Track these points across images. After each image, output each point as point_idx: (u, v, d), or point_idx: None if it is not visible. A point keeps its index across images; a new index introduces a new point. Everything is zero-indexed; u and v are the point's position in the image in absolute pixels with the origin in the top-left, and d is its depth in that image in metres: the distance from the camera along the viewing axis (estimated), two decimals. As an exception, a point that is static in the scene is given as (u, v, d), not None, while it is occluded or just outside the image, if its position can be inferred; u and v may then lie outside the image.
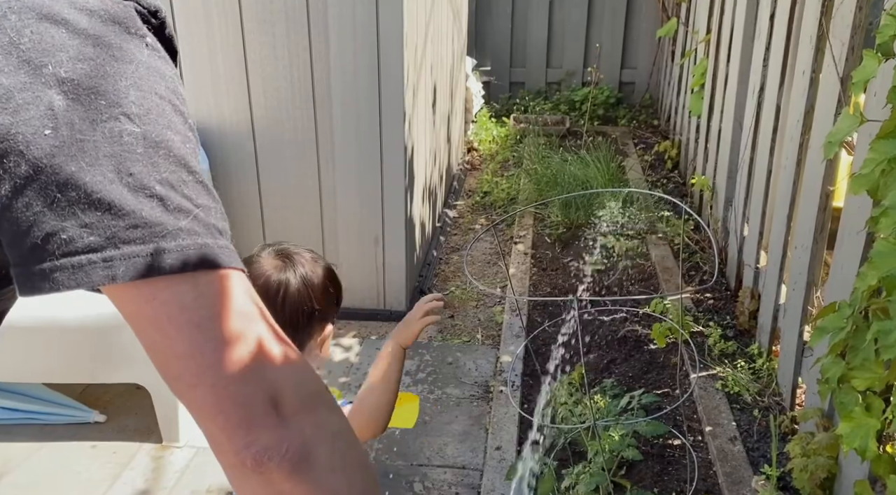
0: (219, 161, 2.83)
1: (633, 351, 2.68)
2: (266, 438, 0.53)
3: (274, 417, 0.54)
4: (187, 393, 0.54)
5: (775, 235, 2.41)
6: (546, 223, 3.78)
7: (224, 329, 0.54)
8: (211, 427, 0.55)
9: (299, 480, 0.54)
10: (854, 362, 1.55)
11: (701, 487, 2.04)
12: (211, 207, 0.57)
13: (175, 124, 0.56)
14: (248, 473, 0.53)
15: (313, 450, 0.55)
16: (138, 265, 0.52)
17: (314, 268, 1.23)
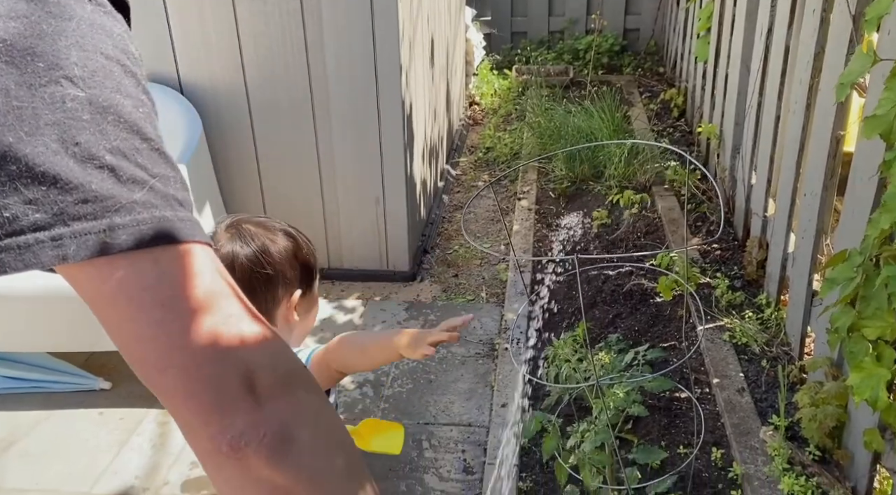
0: (213, 123, 2.77)
1: (639, 304, 2.65)
2: (242, 422, 0.50)
3: (249, 400, 0.51)
4: (155, 377, 0.51)
5: (784, 183, 2.35)
6: (550, 178, 3.71)
7: (190, 307, 0.50)
8: (182, 412, 0.51)
9: (279, 465, 0.51)
10: (865, 311, 1.51)
11: (709, 439, 2.03)
12: (169, 177, 0.53)
13: (125, 87, 0.51)
14: (223, 459, 0.50)
15: (292, 433, 0.52)
16: (90, 243, 0.48)
17: (269, 235, 1.20)
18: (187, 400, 0.50)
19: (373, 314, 2.78)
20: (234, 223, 1.21)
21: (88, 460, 2.08)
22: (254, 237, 1.17)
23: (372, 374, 2.45)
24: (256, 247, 1.16)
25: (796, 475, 1.81)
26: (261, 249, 1.16)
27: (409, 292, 2.93)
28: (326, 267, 3.04)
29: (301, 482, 0.52)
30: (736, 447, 1.95)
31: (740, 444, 1.95)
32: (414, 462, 2.06)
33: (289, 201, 2.93)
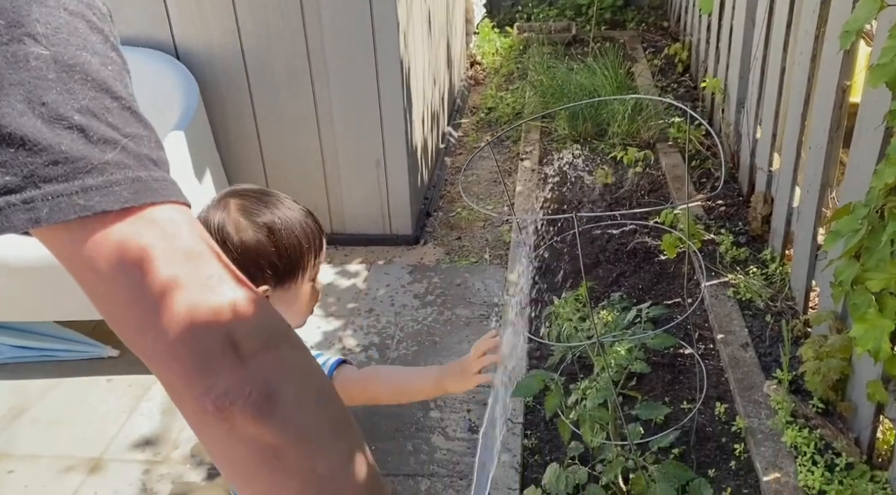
0: (210, 89, 2.74)
1: (642, 262, 2.64)
2: (226, 381, 0.50)
3: (232, 358, 0.50)
4: (136, 339, 0.51)
5: (789, 136, 2.32)
6: (553, 137, 3.67)
7: (169, 268, 0.49)
8: (166, 374, 0.51)
9: (265, 422, 0.50)
10: (868, 263, 1.50)
11: (713, 394, 2.04)
12: (142, 136, 0.52)
13: (92, 44, 0.50)
14: (209, 419, 0.50)
15: (278, 390, 0.51)
16: (63, 205, 0.47)
17: (244, 224, 1.08)
18: (170, 362, 0.50)
19: (376, 278, 2.78)
20: (222, 201, 1.12)
21: (99, 426, 2.11)
22: (223, 225, 1.09)
23: (377, 337, 2.47)
24: (217, 238, 1.08)
25: (799, 428, 1.82)
26: (220, 239, 1.07)
27: (412, 255, 2.93)
28: (329, 232, 3.03)
29: (289, 438, 0.51)
30: (739, 401, 1.96)
31: (744, 399, 1.96)
32: (420, 422, 2.08)
33: (289, 166, 2.91)
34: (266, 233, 1.09)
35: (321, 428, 0.54)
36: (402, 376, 1.24)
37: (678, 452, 1.83)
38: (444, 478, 1.90)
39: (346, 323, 2.55)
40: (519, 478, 1.83)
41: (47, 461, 2.00)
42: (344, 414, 0.57)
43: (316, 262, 1.17)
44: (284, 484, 0.52)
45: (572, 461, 1.71)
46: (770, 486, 1.71)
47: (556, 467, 1.62)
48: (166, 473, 1.96)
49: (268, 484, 0.52)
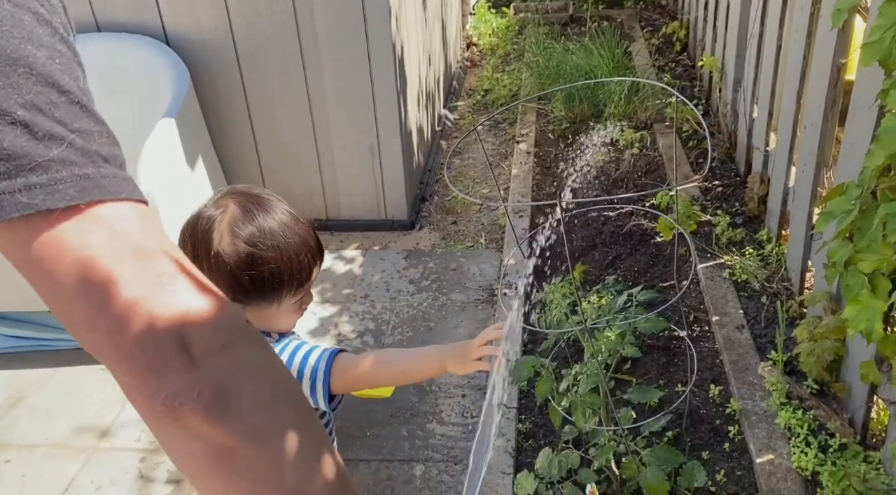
0: (201, 75, 2.72)
1: (638, 245, 2.63)
2: (177, 382, 0.49)
3: (183, 359, 0.49)
4: (86, 338, 0.50)
5: (784, 114, 2.29)
6: (549, 119, 3.64)
7: (117, 266, 0.48)
8: (117, 373, 0.50)
9: (217, 423, 0.50)
10: (861, 244, 1.49)
11: (707, 376, 2.04)
12: (92, 131, 0.50)
13: (38, 36, 0.48)
14: (161, 420, 0.50)
15: (232, 390, 0.50)
16: (5, 204, 0.46)
17: (223, 234, 1.05)
18: (119, 361, 0.49)
19: (372, 264, 2.78)
20: (223, 201, 1.09)
21: (95, 414, 2.12)
22: (210, 227, 1.07)
23: (372, 323, 2.46)
24: (190, 244, 1.08)
25: (793, 409, 1.82)
26: (204, 240, 1.06)
27: (407, 240, 2.92)
28: (325, 218, 3.02)
29: (244, 439, 0.50)
30: (734, 383, 1.95)
31: (738, 380, 1.96)
32: (415, 407, 2.08)
33: (283, 153, 2.90)
34: (246, 258, 1.06)
35: (279, 428, 0.53)
36: (404, 359, 1.23)
37: (672, 435, 1.83)
38: (438, 463, 1.91)
39: (342, 309, 2.55)
40: (513, 463, 1.83)
41: (44, 450, 2.02)
42: (306, 413, 0.56)
43: (300, 290, 1.13)
44: (239, 484, 0.51)
45: (566, 445, 1.71)
46: (764, 468, 1.71)
47: (549, 452, 1.62)
48: (162, 461, 1.96)
49: (222, 484, 0.52)
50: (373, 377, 1.18)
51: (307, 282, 1.13)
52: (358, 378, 1.15)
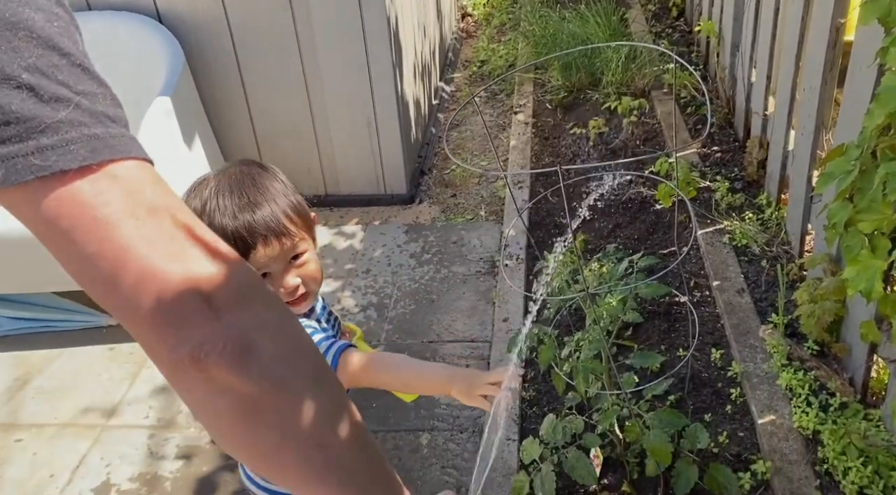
0: (195, 53, 2.69)
1: (638, 212, 2.63)
2: (201, 334, 0.50)
3: (206, 312, 0.50)
4: (108, 297, 0.51)
5: (783, 77, 2.28)
6: (546, 89, 3.62)
7: (134, 224, 0.49)
8: (138, 330, 0.51)
9: (241, 375, 0.50)
10: (861, 204, 1.49)
11: (709, 340, 2.05)
12: (96, 93, 0.51)
13: (34, 0, 0.49)
14: (185, 372, 0.50)
15: (254, 343, 0.51)
16: (19, 167, 0.46)
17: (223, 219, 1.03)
18: (142, 319, 0.50)
19: (372, 238, 2.78)
20: (228, 170, 1.09)
21: (102, 394, 2.14)
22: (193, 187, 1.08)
23: (375, 297, 2.47)
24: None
25: (794, 370, 1.84)
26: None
27: (408, 215, 2.92)
28: (324, 193, 3.02)
29: (266, 390, 0.51)
30: (735, 346, 1.97)
31: (740, 344, 1.97)
32: (419, 378, 2.10)
33: (280, 129, 2.88)
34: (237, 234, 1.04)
35: (301, 381, 0.54)
36: (412, 370, 1.20)
37: (674, 399, 1.85)
38: (444, 432, 1.93)
39: (344, 284, 2.56)
40: (518, 430, 1.85)
41: (53, 429, 2.04)
42: (324, 369, 0.57)
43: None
44: (264, 435, 0.52)
45: (569, 411, 1.73)
46: (765, 428, 1.73)
47: (553, 418, 1.64)
48: (171, 437, 1.99)
49: (248, 434, 0.53)
50: (378, 379, 1.17)
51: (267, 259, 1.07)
52: (362, 376, 1.13)
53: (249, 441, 0.53)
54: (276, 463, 0.54)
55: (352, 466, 0.56)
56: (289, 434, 0.53)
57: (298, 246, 1.10)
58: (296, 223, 1.09)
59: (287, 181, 1.13)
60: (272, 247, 1.06)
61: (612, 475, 1.71)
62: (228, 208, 1.04)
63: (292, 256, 1.10)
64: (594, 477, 1.52)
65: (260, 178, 1.08)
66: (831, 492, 1.57)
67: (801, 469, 1.62)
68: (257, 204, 1.05)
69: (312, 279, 1.13)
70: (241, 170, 1.09)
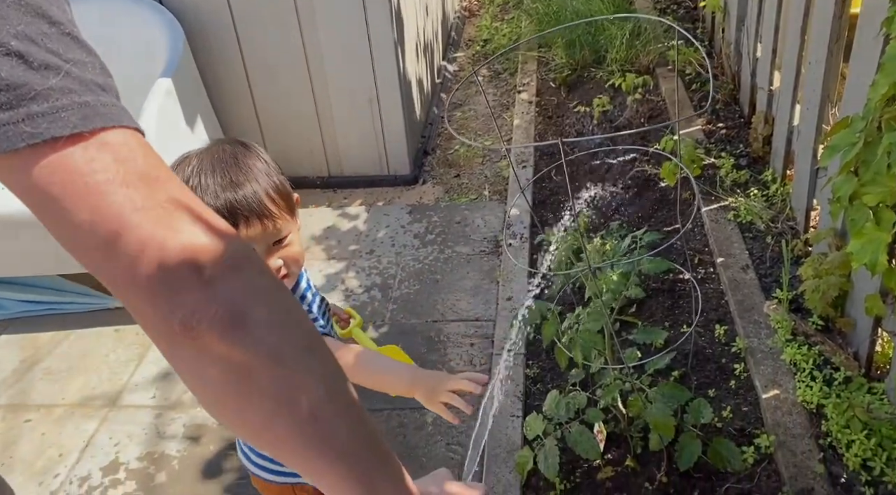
0: (196, 34, 2.68)
1: (642, 190, 2.62)
2: (192, 301, 0.49)
3: (197, 279, 0.50)
4: (98, 264, 0.50)
5: (788, 51, 2.25)
6: (550, 67, 3.59)
7: (126, 191, 0.49)
8: (130, 297, 0.51)
9: (234, 342, 0.50)
10: (865, 177, 1.47)
11: (713, 317, 2.05)
12: (86, 62, 0.50)
13: None
14: (177, 339, 0.50)
15: (247, 310, 0.51)
16: (10, 134, 0.46)
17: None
18: (133, 285, 0.50)
19: (376, 219, 2.78)
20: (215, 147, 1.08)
21: (109, 375, 2.16)
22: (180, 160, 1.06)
23: (379, 278, 2.48)
24: None
25: (799, 345, 1.83)
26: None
27: (411, 195, 2.92)
28: (327, 175, 3.02)
29: (259, 357, 0.51)
30: (739, 322, 1.96)
31: (744, 319, 1.97)
32: (423, 357, 2.11)
33: (282, 111, 2.87)
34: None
35: (294, 349, 0.54)
36: (378, 369, 1.18)
37: (678, 374, 1.85)
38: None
39: (348, 265, 2.56)
40: (521, 406, 1.86)
41: (62, 409, 2.06)
42: (317, 338, 0.57)
43: None
44: (258, 404, 0.52)
45: (573, 387, 1.74)
46: (769, 403, 1.73)
47: (556, 394, 1.64)
48: (177, 416, 2.01)
49: (241, 404, 0.52)
50: (349, 372, 1.17)
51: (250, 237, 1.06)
52: None
53: (242, 410, 0.53)
54: (269, 434, 0.54)
55: (347, 439, 0.56)
56: (282, 404, 0.52)
57: (281, 229, 1.08)
58: (278, 204, 1.06)
59: (270, 161, 1.10)
60: (254, 228, 1.04)
61: (616, 450, 1.72)
62: (210, 187, 1.02)
63: (275, 240, 1.08)
64: (597, 451, 1.52)
65: (243, 158, 1.06)
66: (835, 465, 1.57)
67: (804, 442, 1.63)
68: (239, 184, 1.03)
69: (294, 261, 1.11)
70: (224, 149, 1.07)
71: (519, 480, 1.68)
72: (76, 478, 1.85)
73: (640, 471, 1.65)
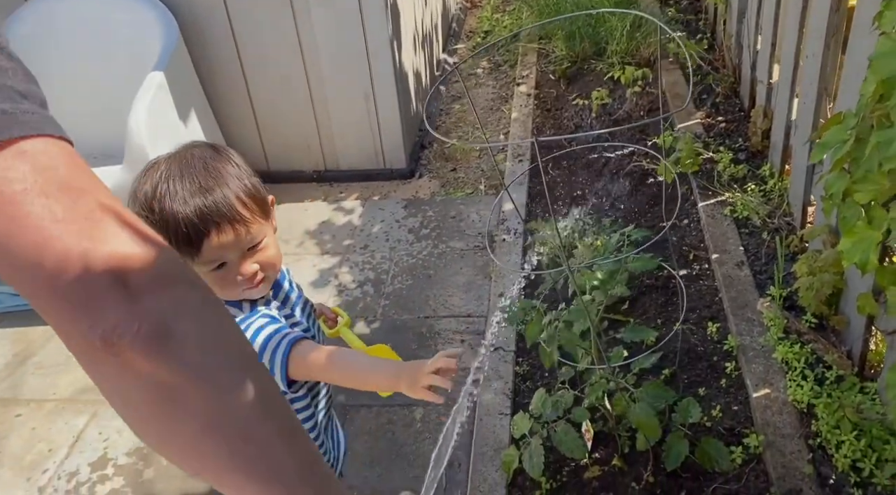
0: (191, 29, 2.66)
1: (639, 185, 2.59)
2: (115, 316, 0.47)
3: (121, 293, 0.48)
4: (16, 277, 0.48)
5: (787, 43, 2.21)
6: (550, 59, 3.56)
7: (46, 201, 0.47)
8: (50, 312, 0.49)
9: (159, 359, 0.48)
10: (856, 174, 1.45)
11: (706, 314, 2.03)
12: (6, 68, 0.49)
13: None
14: (99, 357, 0.48)
15: (172, 326, 0.49)
16: None
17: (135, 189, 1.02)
18: (53, 299, 0.48)
19: (371, 214, 2.77)
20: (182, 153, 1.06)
21: (101, 370, 2.16)
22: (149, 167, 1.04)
23: (372, 273, 2.47)
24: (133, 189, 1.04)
25: (791, 343, 1.81)
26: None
27: (407, 189, 2.90)
28: (323, 169, 3.00)
29: (185, 376, 0.49)
30: (732, 320, 1.94)
31: (737, 317, 1.94)
32: (414, 353, 2.10)
33: (278, 105, 2.86)
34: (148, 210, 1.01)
35: (224, 368, 0.51)
36: (359, 368, 1.16)
37: (668, 373, 1.83)
38: (438, 407, 1.93)
39: (342, 260, 2.55)
40: (510, 404, 1.85)
41: (52, 404, 2.07)
42: (251, 357, 0.55)
43: (195, 261, 1.02)
44: (185, 425, 0.50)
45: (562, 385, 1.72)
46: (759, 402, 1.71)
47: (543, 392, 1.63)
48: (168, 412, 2.01)
49: (166, 425, 0.50)
50: (326, 374, 1.13)
51: (197, 257, 1.02)
52: (313, 371, 1.09)
53: (167, 431, 0.51)
54: (195, 455, 0.52)
55: (283, 461, 0.53)
56: (210, 424, 0.50)
57: (256, 235, 1.05)
58: (250, 209, 1.03)
59: (242, 164, 1.07)
60: (226, 235, 1.01)
61: (604, 449, 1.70)
62: (179, 193, 0.99)
63: (250, 246, 1.05)
64: (582, 450, 1.51)
65: (213, 162, 1.03)
66: (824, 466, 1.55)
67: (794, 442, 1.60)
68: (209, 189, 1.00)
69: (270, 265, 1.09)
70: (193, 154, 1.04)
71: (505, 479, 1.67)
72: (64, 474, 1.86)
73: (627, 471, 1.63)
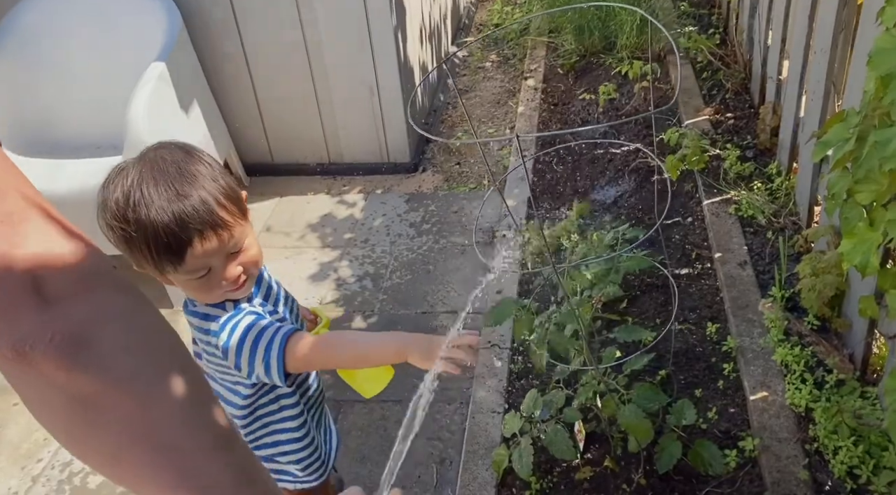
0: (195, 20, 2.66)
1: (644, 182, 2.55)
2: (26, 325, 0.45)
3: (35, 301, 0.46)
4: None
5: (797, 39, 2.16)
6: (559, 53, 3.51)
7: None
8: None
9: (76, 368, 0.46)
10: (858, 174, 1.41)
11: (706, 314, 1.99)
12: None
13: None
14: (13, 367, 0.46)
15: (91, 335, 0.47)
16: None
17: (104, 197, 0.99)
18: None
19: (373, 207, 2.75)
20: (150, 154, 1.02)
21: (99, 360, 2.17)
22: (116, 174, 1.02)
23: (371, 267, 2.46)
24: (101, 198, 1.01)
25: (791, 345, 1.77)
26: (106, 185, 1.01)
27: (410, 183, 2.88)
28: (327, 162, 3.00)
29: (105, 384, 0.47)
30: (732, 320, 1.91)
31: (737, 318, 1.91)
32: (410, 349, 2.08)
33: (282, 97, 2.85)
34: (111, 221, 0.99)
35: (151, 376, 0.49)
36: (363, 344, 1.16)
37: (665, 374, 1.80)
38: (431, 404, 1.91)
39: (342, 253, 2.54)
40: (504, 402, 1.83)
41: (50, 395, 2.08)
42: (183, 360, 0.52)
43: (179, 269, 1.00)
44: (105, 437, 0.48)
45: (556, 384, 1.70)
46: (757, 405, 1.68)
47: (535, 392, 1.61)
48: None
49: (87, 436, 0.49)
50: (329, 359, 1.13)
51: (181, 265, 1.00)
52: (314, 359, 1.09)
53: (90, 442, 0.49)
54: (120, 467, 0.50)
55: (217, 473, 0.51)
56: (134, 435, 0.48)
57: (239, 239, 1.03)
58: (230, 210, 1.01)
59: (214, 163, 1.04)
60: (210, 242, 0.99)
61: (597, 449, 1.68)
62: (155, 201, 0.96)
63: (234, 251, 1.03)
64: (573, 451, 1.49)
65: (185, 165, 1.00)
66: (820, 472, 1.52)
67: (790, 447, 1.57)
68: (186, 194, 0.97)
69: (253, 264, 1.07)
70: (164, 158, 1.00)
71: (495, 478, 1.65)
72: (58, 463, 1.87)
73: (618, 473, 1.61)
